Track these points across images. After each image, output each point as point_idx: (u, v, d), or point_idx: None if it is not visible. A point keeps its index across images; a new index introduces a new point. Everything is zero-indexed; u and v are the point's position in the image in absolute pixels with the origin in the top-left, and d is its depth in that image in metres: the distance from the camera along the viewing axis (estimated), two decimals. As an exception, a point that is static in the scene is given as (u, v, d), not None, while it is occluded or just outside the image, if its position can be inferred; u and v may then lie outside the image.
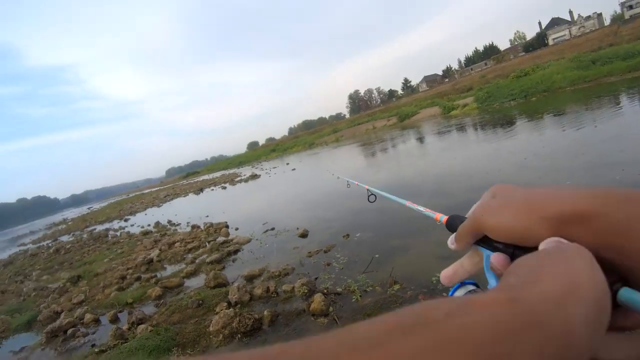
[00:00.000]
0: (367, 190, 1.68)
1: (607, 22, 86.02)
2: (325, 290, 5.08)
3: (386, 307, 4.34)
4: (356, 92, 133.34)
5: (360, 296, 4.75)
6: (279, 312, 4.90)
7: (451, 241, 0.57)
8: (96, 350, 5.31)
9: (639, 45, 27.32)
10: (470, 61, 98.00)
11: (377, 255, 5.91)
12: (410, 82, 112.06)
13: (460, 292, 0.60)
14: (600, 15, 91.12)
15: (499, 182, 0.53)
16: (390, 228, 7.19)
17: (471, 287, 0.60)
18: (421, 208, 0.95)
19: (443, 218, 0.71)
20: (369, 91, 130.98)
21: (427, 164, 13.54)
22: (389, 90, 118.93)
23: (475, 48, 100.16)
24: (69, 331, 6.52)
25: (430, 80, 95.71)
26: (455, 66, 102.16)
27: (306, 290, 5.22)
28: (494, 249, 0.48)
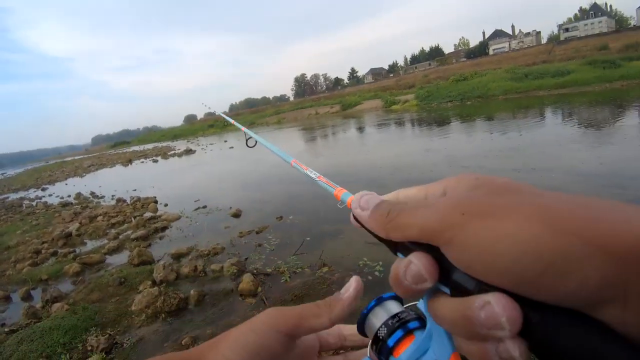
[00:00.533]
0: (245, 133, 1.40)
1: (544, 40, 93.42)
2: (254, 271, 5.10)
3: (314, 288, 4.47)
4: (303, 75, 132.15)
5: (289, 277, 4.85)
6: (206, 292, 4.85)
7: (365, 204, 0.38)
8: (6, 330, 4.93)
9: (569, 66, 30.15)
10: (415, 59, 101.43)
11: (308, 238, 6.05)
12: (357, 72, 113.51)
13: (379, 314, 0.40)
14: (539, 33, 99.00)
15: (436, 178, 0.36)
16: (324, 213, 7.33)
17: (394, 307, 0.40)
18: (312, 174, 0.66)
19: (348, 197, 0.48)
20: (316, 76, 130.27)
21: (363, 154, 13.93)
22: (335, 78, 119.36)
23: (422, 48, 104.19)
24: (-26, 308, 5.98)
25: (376, 73, 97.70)
26: (401, 62, 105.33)
27: (235, 270, 5.21)
28: (452, 285, 0.29)
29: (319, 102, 58.88)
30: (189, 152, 30.04)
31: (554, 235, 0.23)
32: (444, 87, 35.99)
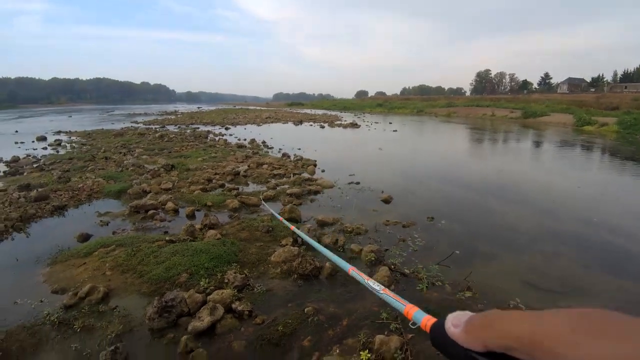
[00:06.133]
0: (293, 231, 1.36)
1: None
2: (392, 266, 4.81)
3: (450, 310, 3.95)
4: (487, 71, 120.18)
5: (426, 287, 4.38)
6: (340, 270, 4.75)
7: (457, 321, 0.42)
8: (167, 237, 5.62)
9: None
10: (627, 78, 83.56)
11: (457, 252, 5.43)
12: (550, 78, 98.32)
13: None
14: None
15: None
16: (482, 228, 6.59)
17: None
18: (375, 285, 0.68)
19: (422, 317, 0.46)
20: (501, 74, 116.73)
21: (527, 173, 12.15)
22: (523, 81, 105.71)
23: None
24: (150, 212, 7.01)
25: (574, 84, 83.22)
26: (608, 78, 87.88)
27: (373, 258, 5.01)
28: None
29: (498, 103, 53.58)
30: (354, 125, 30.80)
31: None
32: (658, 117, 29.03)
